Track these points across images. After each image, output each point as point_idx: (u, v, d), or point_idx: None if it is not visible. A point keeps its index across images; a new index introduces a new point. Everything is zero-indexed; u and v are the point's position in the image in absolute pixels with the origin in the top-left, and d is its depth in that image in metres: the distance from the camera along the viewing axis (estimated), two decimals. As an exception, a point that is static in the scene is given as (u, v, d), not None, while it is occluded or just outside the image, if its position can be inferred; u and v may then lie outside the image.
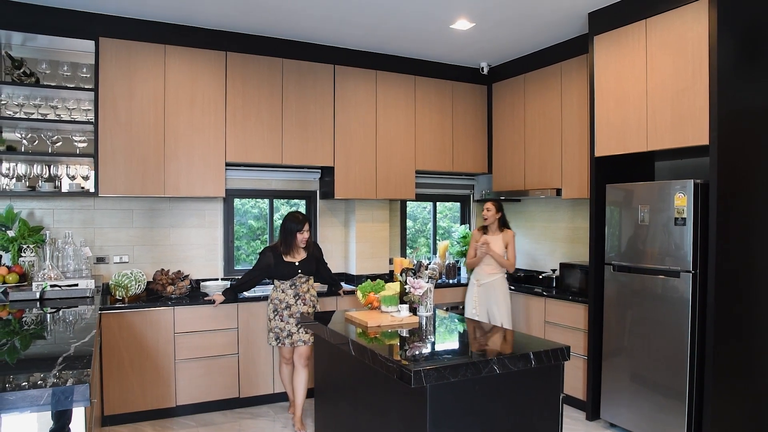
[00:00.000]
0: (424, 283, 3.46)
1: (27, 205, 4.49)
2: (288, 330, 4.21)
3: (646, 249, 3.99)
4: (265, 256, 4.27)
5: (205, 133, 4.73)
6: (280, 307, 4.22)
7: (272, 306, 4.26)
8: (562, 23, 4.63)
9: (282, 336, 4.22)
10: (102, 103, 4.38)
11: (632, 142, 4.09)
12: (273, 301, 4.26)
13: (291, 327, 4.21)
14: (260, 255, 4.33)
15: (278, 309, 4.23)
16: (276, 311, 4.23)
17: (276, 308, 4.23)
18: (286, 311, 4.21)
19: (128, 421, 4.29)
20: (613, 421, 4.22)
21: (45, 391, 1.67)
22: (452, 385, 2.46)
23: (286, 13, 4.43)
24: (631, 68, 4.09)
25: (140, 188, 4.51)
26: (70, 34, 4.31)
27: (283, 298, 4.23)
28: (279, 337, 4.22)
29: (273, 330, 4.24)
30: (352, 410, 3.15)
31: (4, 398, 1.64)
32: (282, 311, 4.21)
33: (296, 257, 4.27)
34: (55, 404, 1.69)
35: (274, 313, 4.24)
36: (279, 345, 4.25)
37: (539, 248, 5.85)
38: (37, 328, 2.76)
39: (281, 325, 4.21)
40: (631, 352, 4.07)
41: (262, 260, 4.27)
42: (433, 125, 5.76)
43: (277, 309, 4.23)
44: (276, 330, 4.22)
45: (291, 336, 4.22)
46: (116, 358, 4.19)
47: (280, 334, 4.22)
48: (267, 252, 4.29)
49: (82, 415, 1.83)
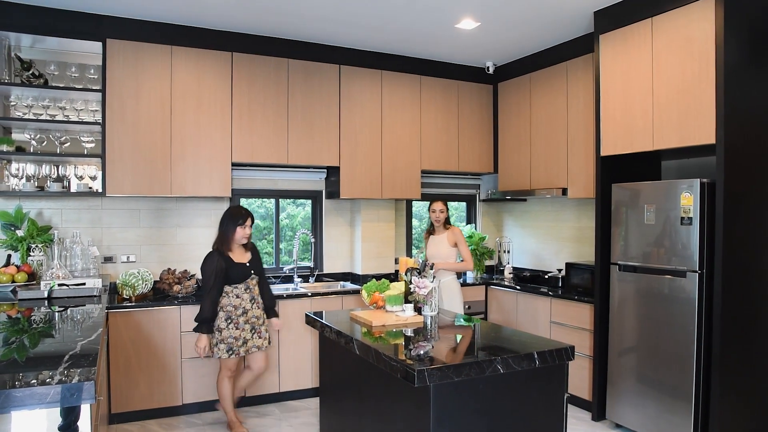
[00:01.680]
0: (429, 282, 3.46)
1: (36, 205, 4.53)
2: (243, 338, 3.98)
3: (653, 249, 3.98)
4: (213, 261, 3.90)
5: (211, 133, 4.75)
6: (234, 314, 3.96)
7: (224, 314, 3.95)
8: (568, 22, 4.63)
9: (236, 345, 3.96)
10: (109, 103, 4.42)
11: (638, 142, 4.08)
12: (224, 309, 3.95)
13: (246, 334, 3.99)
14: (207, 261, 3.92)
15: (232, 316, 3.95)
16: (229, 319, 3.95)
17: (229, 316, 3.95)
18: (242, 317, 3.98)
19: (135, 419, 4.31)
20: (619, 422, 4.21)
21: (51, 389, 1.69)
22: (456, 384, 2.47)
23: (292, 13, 4.44)
24: (637, 67, 4.08)
25: (147, 188, 4.54)
26: (78, 36, 4.35)
27: (239, 303, 3.98)
28: (232, 348, 3.95)
29: (225, 341, 3.93)
30: (357, 409, 3.17)
31: (12, 395, 1.66)
32: (237, 318, 3.96)
33: (244, 257, 4.05)
34: (62, 401, 1.71)
35: (226, 322, 3.94)
36: (232, 356, 3.96)
37: (545, 248, 5.84)
38: (45, 327, 2.79)
39: (236, 333, 3.96)
40: (638, 353, 4.06)
41: (210, 266, 3.89)
42: (439, 125, 5.76)
43: (230, 317, 3.95)
44: (229, 340, 3.93)
45: (246, 343, 4.00)
46: (123, 356, 4.22)
47: (234, 343, 3.95)
48: (213, 255, 3.94)
49: (88, 412, 1.85)
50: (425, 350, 2.83)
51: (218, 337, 3.95)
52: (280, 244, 5.62)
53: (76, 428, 2.00)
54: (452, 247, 4.89)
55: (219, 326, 3.95)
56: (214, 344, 3.96)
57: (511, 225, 6.33)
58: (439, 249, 4.91)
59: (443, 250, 4.89)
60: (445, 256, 4.84)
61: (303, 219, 5.83)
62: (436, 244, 4.95)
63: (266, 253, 5.68)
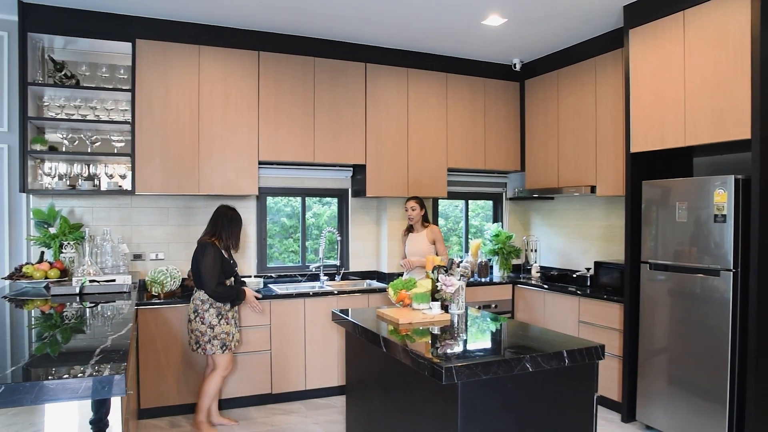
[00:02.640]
0: (456, 280, 3.44)
1: (68, 204, 4.62)
2: (232, 333, 4.02)
3: (685, 247, 3.89)
4: (215, 252, 3.90)
5: (238, 132, 4.79)
6: (224, 309, 3.97)
7: (214, 310, 3.93)
8: (597, 17, 4.55)
9: (229, 341, 3.98)
10: (138, 103, 4.48)
11: (670, 138, 3.99)
12: (214, 305, 3.94)
13: (233, 329, 4.03)
14: (208, 252, 3.88)
15: (222, 312, 3.95)
16: (220, 315, 3.95)
17: (219, 311, 3.95)
18: (230, 312, 4.02)
19: (164, 414, 4.37)
20: (650, 424, 4.12)
21: (83, 381, 1.71)
22: (484, 382, 2.44)
23: (317, 12, 4.45)
24: (669, 62, 3.99)
25: (176, 186, 4.59)
26: (109, 37, 4.42)
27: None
28: (226, 343, 3.97)
29: (218, 337, 3.93)
30: (384, 407, 3.15)
31: (45, 388, 1.69)
32: (226, 313, 3.98)
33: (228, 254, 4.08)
34: (93, 394, 1.73)
35: (218, 318, 3.93)
36: (225, 352, 3.98)
37: (572, 247, 5.76)
38: (76, 322, 2.84)
39: (227, 329, 3.97)
40: (669, 353, 3.98)
41: (213, 256, 3.87)
42: (465, 123, 5.72)
43: (221, 312, 3.95)
44: (222, 336, 3.94)
45: (233, 338, 4.03)
46: (152, 352, 4.28)
47: (227, 339, 3.97)
48: (214, 247, 3.92)
49: (118, 405, 1.87)
50: (453, 348, 2.81)
51: (211, 334, 3.92)
52: (306, 242, 5.64)
53: (106, 422, 2.03)
54: (431, 245, 4.95)
55: (211, 323, 3.93)
56: (207, 341, 3.92)
57: (538, 224, 6.26)
58: (417, 246, 4.96)
59: (422, 247, 4.94)
60: (424, 254, 4.85)
61: (329, 218, 5.84)
62: (414, 241, 5.01)
63: (292, 251, 5.71)
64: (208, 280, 3.86)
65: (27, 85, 4.17)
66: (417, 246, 4.95)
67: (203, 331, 3.93)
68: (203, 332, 3.93)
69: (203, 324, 3.93)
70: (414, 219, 4.98)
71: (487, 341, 3.07)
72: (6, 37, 4.44)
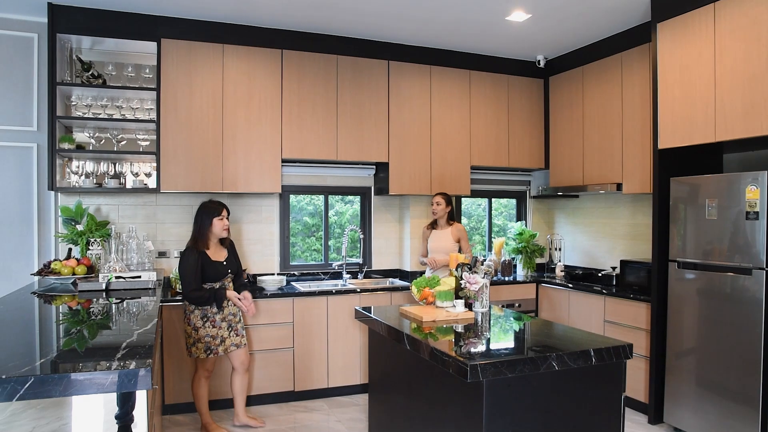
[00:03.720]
0: (480, 278, 3.40)
1: (94, 201, 4.68)
2: (221, 336, 3.92)
3: (714, 245, 3.81)
4: (190, 258, 3.81)
5: (261, 130, 4.81)
6: (210, 311, 3.89)
7: (199, 312, 3.87)
8: (623, 11, 4.48)
9: (214, 344, 3.89)
10: (164, 102, 4.52)
11: (699, 133, 3.91)
12: (199, 307, 3.89)
13: (223, 332, 3.93)
14: (184, 259, 3.83)
15: (208, 314, 3.89)
16: (205, 317, 3.88)
17: (205, 314, 3.88)
18: (219, 315, 3.92)
19: (187, 410, 4.40)
20: (678, 426, 4.04)
21: (110, 375, 1.73)
22: (509, 380, 2.41)
23: (341, 8, 4.45)
24: (698, 56, 3.91)
25: (200, 184, 4.63)
26: (135, 37, 4.47)
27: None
28: (210, 347, 3.88)
29: (202, 340, 3.86)
30: (407, 405, 3.14)
31: (73, 380, 1.70)
32: (213, 316, 3.90)
33: (221, 255, 3.98)
34: (120, 387, 1.74)
35: (203, 321, 3.87)
36: (210, 355, 3.90)
37: (598, 246, 5.68)
38: (103, 318, 2.87)
39: (213, 332, 3.89)
40: (698, 354, 3.89)
41: (188, 264, 3.79)
42: (489, 120, 5.68)
43: (206, 315, 3.88)
44: (206, 339, 3.87)
45: (224, 342, 3.93)
46: (176, 349, 4.31)
47: (212, 342, 3.89)
48: (191, 252, 3.84)
49: (144, 399, 1.88)
50: (477, 346, 2.78)
51: (195, 336, 3.88)
52: (328, 240, 5.65)
53: (131, 417, 2.04)
54: (455, 243, 4.91)
55: (195, 325, 3.88)
56: (191, 344, 3.90)
57: (563, 222, 6.19)
58: (441, 243, 4.93)
59: (446, 244, 4.90)
60: (447, 251, 4.82)
61: (351, 216, 5.84)
62: (439, 238, 4.96)
63: (314, 250, 5.72)
64: (183, 286, 3.84)
65: (56, 85, 4.24)
66: (441, 243, 4.92)
67: (189, 333, 3.92)
68: (189, 334, 3.92)
69: (189, 326, 3.91)
70: (438, 214, 4.95)
71: (512, 339, 3.04)
72: (36, 39, 4.52)
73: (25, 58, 4.52)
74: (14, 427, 2.09)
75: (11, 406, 2.14)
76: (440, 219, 4.99)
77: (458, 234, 4.93)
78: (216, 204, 3.97)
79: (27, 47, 4.52)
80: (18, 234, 4.53)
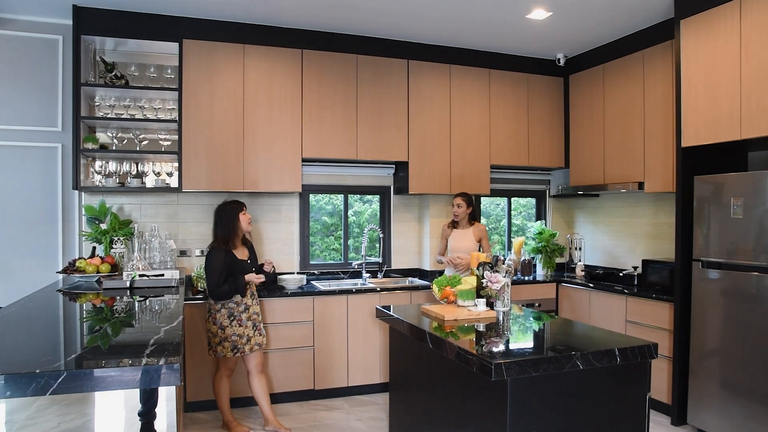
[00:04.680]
0: (502, 277, 3.39)
1: (117, 201, 4.74)
2: (247, 335, 3.93)
3: (739, 244, 3.76)
4: (220, 255, 3.83)
5: (282, 130, 4.84)
6: (237, 310, 3.92)
7: (226, 311, 3.90)
8: (645, 8, 4.44)
9: (241, 343, 3.90)
10: (185, 102, 4.56)
11: (724, 131, 3.86)
12: (226, 306, 3.90)
13: (249, 331, 3.94)
14: (213, 256, 3.84)
15: (234, 313, 3.91)
16: (232, 316, 3.90)
17: (231, 312, 3.90)
18: (245, 314, 3.94)
19: (208, 408, 4.44)
20: (702, 427, 3.99)
21: (139, 370, 1.75)
22: (533, 379, 2.40)
23: (361, 7, 4.46)
24: (723, 52, 3.86)
25: (221, 184, 4.67)
26: (157, 37, 4.52)
27: (240, 300, 3.94)
28: (237, 346, 3.89)
29: (229, 339, 3.87)
30: (428, 403, 3.14)
31: (104, 375, 1.73)
32: (240, 314, 3.92)
33: (244, 255, 4.00)
34: (149, 383, 1.76)
35: (229, 319, 3.89)
36: (236, 354, 3.92)
37: (619, 245, 5.63)
38: (130, 315, 2.90)
39: (240, 330, 3.91)
40: (723, 355, 3.84)
41: (218, 260, 3.81)
42: (508, 119, 5.66)
43: (233, 313, 3.90)
44: (233, 338, 3.88)
45: (249, 341, 3.94)
46: (198, 346, 4.35)
47: (239, 341, 3.90)
48: (219, 250, 3.86)
49: (173, 393, 1.90)
50: (500, 345, 2.77)
51: (221, 336, 3.88)
52: (348, 240, 5.66)
53: (154, 414, 2.07)
54: (476, 242, 4.92)
55: (222, 324, 3.89)
56: (217, 343, 3.90)
57: (583, 221, 6.14)
58: (462, 243, 4.93)
59: (467, 244, 4.91)
60: (468, 251, 4.82)
61: (369, 216, 5.85)
62: (460, 238, 4.96)
63: (333, 249, 5.74)
64: (208, 283, 3.85)
65: (80, 86, 4.30)
66: (462, 243, 4.91)
67: (214, 332, 3.92)
68: (214, 333, 3.92)
69: (214, 325, 3.91)
70: (460, 216, 4.94)
71: (535, 339, 3.02)
72: (60, 41, 4.59)
73: (51, 60, 4.59)
74: (40, 423, 2.13)
75: (36, 401, 2.18)
76: (461, 220, 4.98)
77: (479, 234, 4.93)
78: (236, 201, 4.02)
79: (52, 49, 4.59)
80: (43, 232, 4.60)
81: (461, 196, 4.96)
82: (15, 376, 1.64)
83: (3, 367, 1.70)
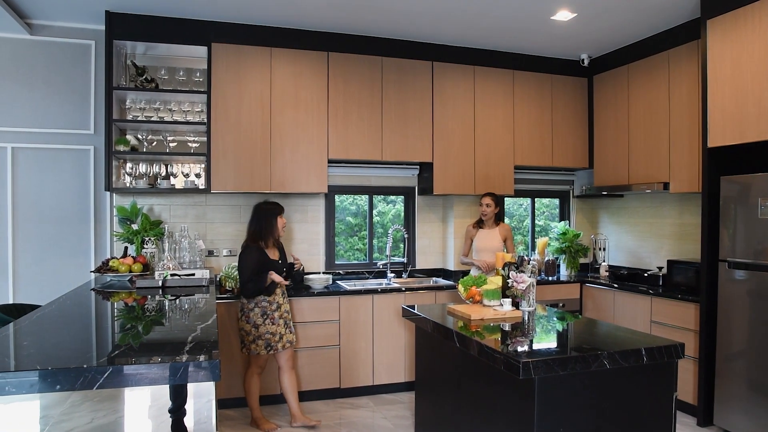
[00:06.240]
0: (527, 277, 3.42)
1: (147, 201, 4.85)
2: (279, 333, 4.02)
3: (766, 245, 3.73)
4: (254, 254, 3.96)
5: (308, 131, 4.91)
6: (269, 309, 4.00)
7: (259, 310, 3.98)
8: (670, 8, 4.42)
9: (274, 341, 3.99)
10: (214, 104, 4.66)
11: (751, 131, 3.84)
12: (260, 305, 3.99)
13: (281, 329, 4.03)
14: (247, 254, 3.96)
15: (267, 311, 3.99)
16: (265, 315, 3.99)
17: (264, 311, 3.99)
18: (277, 312, 4.03)
19: (236, 405, 4.52)
20: (728, 428, 3.98)
21: (180, 366, 1.81)
22: (560, 378, 2.43)
23: (387, 10, 4.51)
24: (750, 52, 3.84)
25: (248, 185, 4.75)
26: (187, 42, 4.63)
27: (273, 298, 4.03)
28: (270, 344, 3.98)
29: (263, 337, 3.96)
30: (454, 402, 3.18)
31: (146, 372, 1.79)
32: (272, 313, 4.00)
33: (275, 255, 4.09)
34: (189, 378, 1.82)
35: (263, 318, 3.98)
36: (270, 352, 4.00)
37: (643, 246, 5.61)
38: (162, 314, 2.99)
39: (273, 328, 3.99)
40: (749, 356, 3.82)
41: (251, 258, 3.93)
42: (532, 120, 5.67)
43: (266, 312, 3.99)
44: (267, 336, 3.97)
45: (282, 338, 4.02)
46: (226, 345, 4.43)
47: (272, 339, 3.98)
48: (253, 249, 3.98)
49: (212, 389, 1.97)
50: (526, 344, 2.80)
51: (255, 334, 3.97)
52: (373, 240, 5.72)
53: (184, 411, 2.14)
54: (502, 242, 4.98)
55: (255, 322, 3.97)
56: (251, 341, 3.98)
57: (607, 222, 6.12)
58: (489, 243, 4.98)
59: (494, 243, 4.96)
60: (494, 250, 4.88)
61: (393, 216, 5.90)
62: (486, 237, 5.01)
63: (357, 249, 5.80)
64: (241, 280, 3.98)
65: (112, 90, 4.42)
66: (488, 242, 4.96)
67: (248, 331, 4.00)
68: (248, 332, 4.00)
69: (248, 323, 4.00)
70: (488, 215, 5.00)
71: (562, 338, 3.05)
72: (93, 45, 4.71)
73: (84, 65, 4.72)
74: (74, 418, 2.21)
75: (71, 397, 2.26)
76: (488, 220, 5.02)
77: (505, 233, 4.98)
78: (276, 204, 4.15)
79: (85, 54, 4.72)
80: (76, 232, 4.73)
81: (489, 195, 5.01)
82: (64, 370, 1.72)
83: (52, 362, 1.78)
